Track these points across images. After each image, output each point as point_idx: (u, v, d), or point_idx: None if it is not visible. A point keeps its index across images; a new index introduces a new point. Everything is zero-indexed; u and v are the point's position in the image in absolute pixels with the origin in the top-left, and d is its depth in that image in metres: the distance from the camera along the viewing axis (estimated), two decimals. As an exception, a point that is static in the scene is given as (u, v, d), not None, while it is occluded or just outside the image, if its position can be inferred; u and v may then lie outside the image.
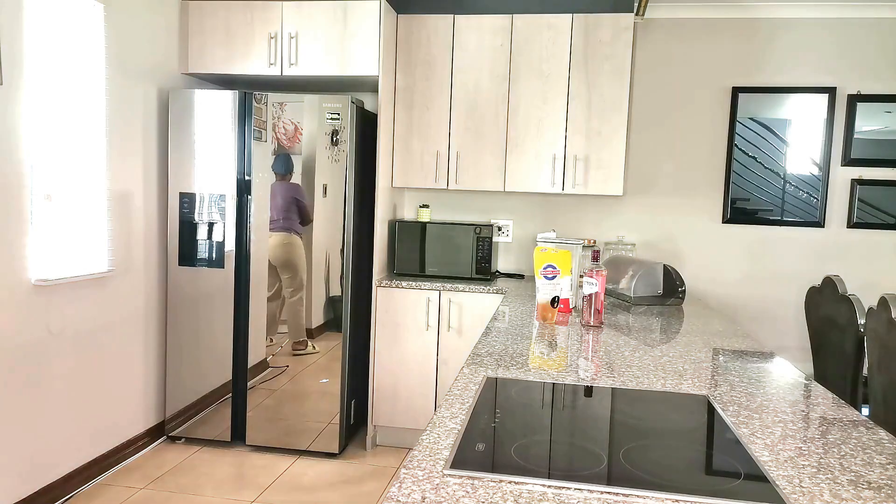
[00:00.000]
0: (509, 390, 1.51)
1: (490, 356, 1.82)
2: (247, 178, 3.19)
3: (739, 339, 2.19)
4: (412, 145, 3.54)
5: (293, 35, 3.26)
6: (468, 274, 3.45)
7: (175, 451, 3.25)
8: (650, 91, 3.70)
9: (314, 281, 3.22)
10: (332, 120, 3.11)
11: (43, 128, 2.59)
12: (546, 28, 3.38)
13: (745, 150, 3.63)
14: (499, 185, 3.49)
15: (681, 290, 2.90)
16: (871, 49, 3.51)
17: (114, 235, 2.95)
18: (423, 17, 3.47)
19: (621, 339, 2.12)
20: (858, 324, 2.31)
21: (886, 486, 1.07)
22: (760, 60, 3.60)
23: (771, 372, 1.77)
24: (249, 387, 3.28)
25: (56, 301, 2.64)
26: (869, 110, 3.53)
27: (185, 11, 3.34)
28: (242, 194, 3.20)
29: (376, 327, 3.37)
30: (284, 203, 3.17)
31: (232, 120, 3.16)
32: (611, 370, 1.73)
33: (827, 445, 1.24)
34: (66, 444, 2.75)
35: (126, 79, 3.00)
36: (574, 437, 1.23)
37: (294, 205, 3.17)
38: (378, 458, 3.30)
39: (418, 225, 3.48)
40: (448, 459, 1.10)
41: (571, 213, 3.81)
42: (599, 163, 3.40)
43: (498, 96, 3.45)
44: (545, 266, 2.50)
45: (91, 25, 2.77)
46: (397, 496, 0.97)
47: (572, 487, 1.01)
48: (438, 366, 3.34)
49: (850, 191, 3.58)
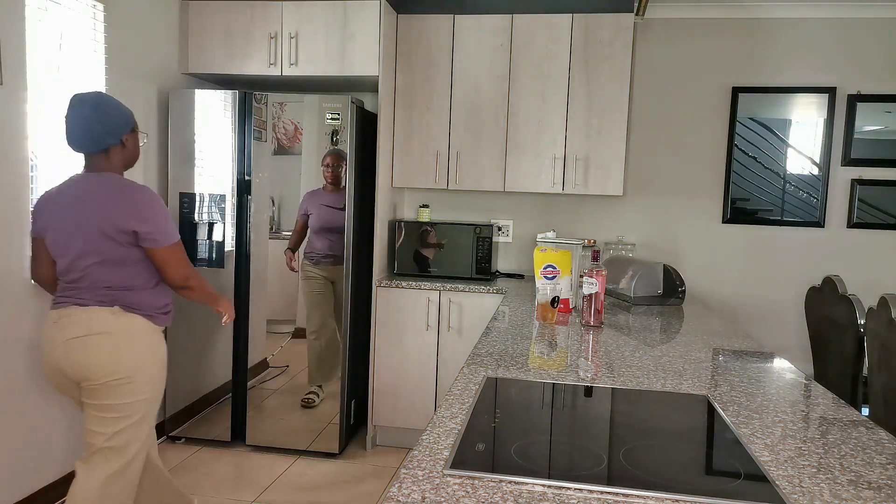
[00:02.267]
0: (509, 390, 1.51)
1: (490, 356, 1.82)
2: (247, 178, 3.19)
3: (739, 339, 2.19)
4: (412, 145, 3.54)
5: (293, 35, 3.26)
6: (468, 274, 3.45)
7: (175, 451, 3.25)
8: (650, 91, 3.70)
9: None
10: (332, 120, 3.11)
11: (43, 128, 2.60)
12: (546, 28, 3.38)
13: (745, 150, 3.63)
14: (499, 185, 3.49)
15: (681, 290, 2.90)
16: (871, 49, 3.51)
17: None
18: (423, 17, 3.47)
19: (621, 339, 2.12)
20: (858, 324, 2.31)
21: (886, 486, 1.07)
22: (760, 60, 3.60)
23: (771, 372, 1.77)
24: (249, 387, 3.28)
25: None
26: (869, 110, 3.53)
27: (185, 11, 3.34)
28: (242, 194, 3.20)
29: (376, 327, 3.37)
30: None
31: (232, 120, 3.16)
32: (611, 370, 1.73)
33: (827, 445, 1.24)
34: (66, 443, 2.75)
35: (126, 79, 3.00)
36: (574, 438, 1.23)
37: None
38: (378, 458, 3.30)
39: (418, 225, 3.48)
40: (448, 459, 1.10)
41: (571, 213, 3.81)
42: (599, 163, 3.40)
43: (498, 96, 3.45)
44: (545, 266, 2.50)
45: (91, 25, 2.77)
46: (397, 496, 0.97)
47: (572, 487, 1.01)
48: (438, 366, 3.34)
49: (850, 191, 3.58)
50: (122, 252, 1.93)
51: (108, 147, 1.96)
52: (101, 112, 1.91)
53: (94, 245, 1.90)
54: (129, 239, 1.92)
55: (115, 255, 1.92)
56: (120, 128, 1.96)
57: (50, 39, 2.60)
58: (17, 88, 2.39)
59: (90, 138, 1.91)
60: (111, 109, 1.94)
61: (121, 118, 1.97)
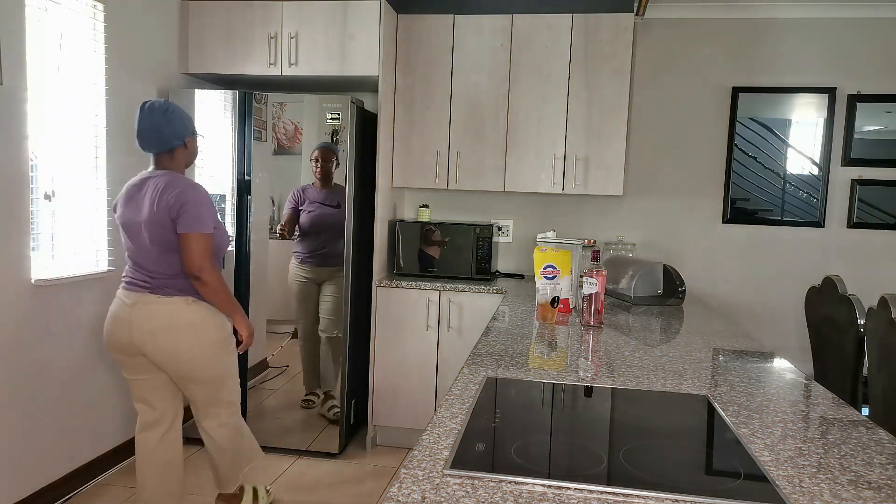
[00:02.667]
0: (509, 390, 1.51)
1: (490, 356, 1.82)
2: (247, 178, 3.19)
3: (739, 339, 2.19)
4: (412, 145, 3.54)
5: (293, 35, 3.26)
6: (468, 274, 3.45)
7: (175, 451, 3.25)
8: (650, 91, 3.70)
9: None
10: (332, 120, 3.11)
11: (43, 127, 2.60)
12: (546, 28, 3.38)
13: (745, 150, 3.63)
14: (499, 185, 3.49)
15: (681, 290, 2.90)
16: (871, 49, 3.51)
17: (114, 235, 2.95)
18: (423, 17, 3.47)
19: (621, 339, 2.12)
20: (858, 324, 2.31)
21: (886, 486, 1.07)
22: (760, 60, 3.60)
23: (771, 372, 1.77)
24: (249, 387, 3.28)
25: (56, 301, 2.64)
26: (869, 110, 3.53)
27: (185, 11, 3.34)
28: (242, 194, 3.20)
29: (376, 327, 3.37)
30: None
31: (232, 120, 3.16)
32: (611, 370, 1.73)
33: (827, 445, 1.24)
34: (65, 443, 2.75)
35: (126, 78, 3.00)
36: (574, 437, 1.23)
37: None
38: (378, 458, 3.30)
39: (418, 225, 3.48)
40: (448, 459, 1.10)
41: (571, 214, 3.81)
42: (599, 163, 3.40)
43: (498, 96, 3.45)
44: (545, 266, 2.50)
45: (91, 25, 2.77)
46: (397, 496, 0.97)
47: (572, 487, 1.01)
48: (438, 366, 3.34)
49: (850, 191, 3.58)
50: (174, 240, 2.17)
51: (173, 148, 2.22)
52: (168, 117, 2.18)
53: (155, 235, 2.15)
54: (173, 227, 2.15)
55: (170, 243, 2.16)
56: (183, 131, 2.23)
57: (50, 39, 2.60)
58: (17, 88, 2.39)
59: (160, 140, 2.18)
60: (176, 116, 2.20)
61: (184, 123, 2.24)
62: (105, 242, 2.90)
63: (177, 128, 2.20)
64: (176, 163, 2.25)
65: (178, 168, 2.26)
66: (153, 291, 2.18)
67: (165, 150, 2.21)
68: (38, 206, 2.60)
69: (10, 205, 2.39)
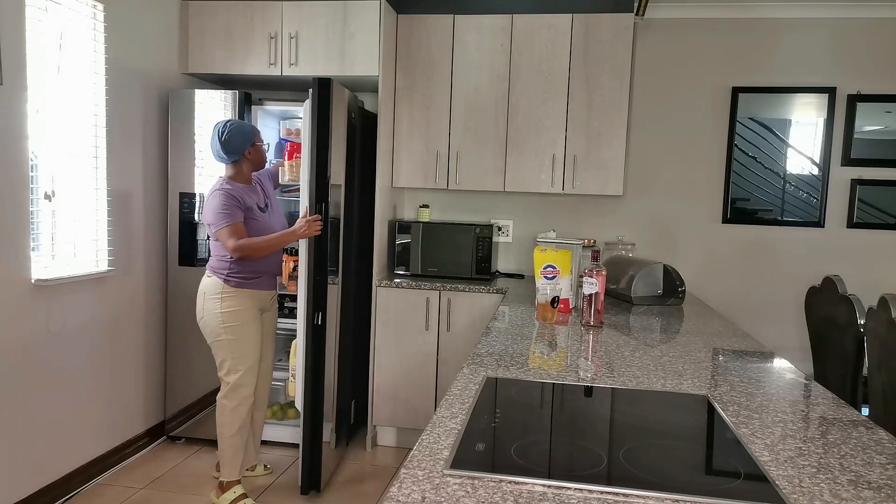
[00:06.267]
0: (509, 390, 1.51)
1: (490, 356, 1.82)
2: (247, 178, 3.19)
3: (739, 339, 2.20)
4: (412, 145, 3.54)
5: (293, 35, 3.26)
6: (468, 274, 3.45)
7: (175, 451, 3.25)
8: (650, 91, 3.70)
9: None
10: (332, 120, 3.11)
11: (43, 127, 2.60)
12: (546, 28, 3.38)
13: (745, 150, 3.63)
14: (499, 185, 3.49)
15: (681, 290, 2.90)
16: (871, 49, 3.51)
17: (114, 235, 2.95)
18: (423, 17, 3.46)
19: (621, 339, 2.12)
20: (858, 324, 2.31)
21: (886, 486, 1.07)
22: (760, 60, 3.60)
23: (771, 372, 1.77)
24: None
25: (56, 301, 2.64)
26: (869, 110, 3.53)
27: (185, 11, 3.34)
28: (242, 194, 3.20)
29: (376, 327, 3.37)
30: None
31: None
32: (611, 370, 1.73)
33: (827, 445, 1.24)
34: (66, 443, 2.75)
35: (126, 78, 3.00)
36: (574, 437, 1.23)
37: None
38: (378, 458, 3.30)
39: (418, 225, 3.48)
40: (448, 459, 1.10)
41: (571, 213, 3.81)
42: (599, 163, 3.40)
43: (498, 96, 3.45)
44: (545, 266, 2.50)
45: (91, 25, 2.77)
46: (397, 496, 0.97)
47: (572, 487, 1.01)
48: (438, 366, 3.34)
49: (849, 191, 3.58)
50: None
51: (235, 160, 2.64)
52: (225, 138, 2.58)
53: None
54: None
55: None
56: (240, 148, 2.62)
57: (50, 39, 2.60)
58: (17, 88, 2.39)
59: (220, 157, 2.63)
60: (233, 136, 2.59)
61: (242, 140, 2.61)
62: (105, 242, 2.90)
63: (234, 146, 2.60)
64: (240, 170, 2.67)
65: (242, 175, 2.67)
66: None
67: (228, 163, 2.65)
68: (38, 206, 2.60)
69: (10, 205, 2.39)
